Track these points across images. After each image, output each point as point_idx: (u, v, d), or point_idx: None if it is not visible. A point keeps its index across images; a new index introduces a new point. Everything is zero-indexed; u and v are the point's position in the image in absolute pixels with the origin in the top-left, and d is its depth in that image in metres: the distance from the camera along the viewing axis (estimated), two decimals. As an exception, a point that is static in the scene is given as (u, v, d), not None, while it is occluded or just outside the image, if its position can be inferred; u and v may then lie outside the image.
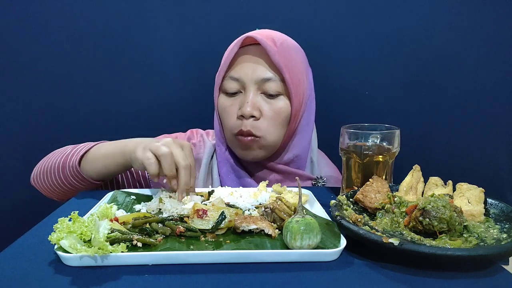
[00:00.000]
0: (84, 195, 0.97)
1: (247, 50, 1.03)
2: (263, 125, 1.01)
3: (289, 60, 1.02)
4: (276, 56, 0.98)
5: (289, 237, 0.64)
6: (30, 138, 1.47)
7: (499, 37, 1.36)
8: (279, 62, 0.99)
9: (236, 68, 1.03)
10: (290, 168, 1.09)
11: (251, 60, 1.02)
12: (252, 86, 1.01)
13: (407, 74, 1.42)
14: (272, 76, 1.00)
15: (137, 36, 1.42)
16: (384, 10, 1.40)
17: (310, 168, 1.14)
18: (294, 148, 1.09)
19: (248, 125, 1.00)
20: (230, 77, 1.03)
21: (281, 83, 1.01)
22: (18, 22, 1.39)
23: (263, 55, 1.01)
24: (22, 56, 1.41)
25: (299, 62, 1.05)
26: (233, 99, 1.04)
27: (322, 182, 1.10)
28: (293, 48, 1.06)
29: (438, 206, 0.66)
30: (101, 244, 0.60)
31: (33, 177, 1.06)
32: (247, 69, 1.01)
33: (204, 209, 0.72)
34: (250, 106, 0.99)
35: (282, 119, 1.03)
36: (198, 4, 1.41)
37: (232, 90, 1.03)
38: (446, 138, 1.44)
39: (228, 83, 1.04)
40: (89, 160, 0.97)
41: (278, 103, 1.02)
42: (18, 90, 1.44)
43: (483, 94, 1.40)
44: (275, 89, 1.01)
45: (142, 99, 1.47)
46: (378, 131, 0.90)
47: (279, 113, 1.02)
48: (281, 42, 1.03)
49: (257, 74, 1.01)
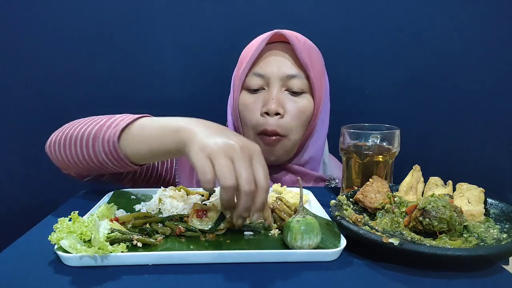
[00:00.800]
0: (84, 195, 0.97)
1: (272, 46, 1.03)
2: (287, 123, 1.00)
3: (313, 58, 1.02)
4: (303, 53, 0.99)
5: (289, 237, 0.64)
6: (30, 138, 1.47)
7: (499, 37, 1.36)
8: (305, 59, 0.99)
9: (261, 64, 1.02)
10: (306, 170, 1.08)
11: (277, 56, 1.01)
12: (276, 83, 1.00)
13: (408, 74, 1.42)
14: (297, 73, 1.00)
15: (138, 35, 1.42)
16: (384, 10, 1.40)
17: (323, 169, 1.14)
18: (310, 149, 1.09)
19: (274, 124, 0.99)
20: (255, 73, 1.02)
21: (306, 81, 1.01)
22: (18, 21, 1.39)
23: (289, 52, 1.01)
24: (20, 54, 1.41)
25: (319, 62, 1.06)
26: (256, 95, 1.03)
27: (335, 183, 1.11)
28: (314, 48, 1.07)
29: (438, 206, 0.66)
30: (101, 244, 0.60)
31: (50, 144, 0.89)
32: (272, 65, 1.01)
33: (203, 210, 0.72)
34: (275, 103, 0.99)
35: (305, 118, 1.03)
36: (200, 3, 1.41)
37: (255, 86, 1.02)
38: (446, 138, 1.44)
39: (252, 79, 1.02)
40: (131, 138, 0.79)
41: (302, 100, 1.02)
42: (17, 89, 1.43)
43: (483, 94, 1.40)
44: (299, 87, 1.01)
45: (145, 98, 1.47)
46: (378, 131, 0.90)
47: (303, 111, 1.02)
48: (304, 41, 1.03)
49: (283, 71, 1.00)
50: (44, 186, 1.47)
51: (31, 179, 1.48)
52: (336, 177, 1.13)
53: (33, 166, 1.48)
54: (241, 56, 1.08)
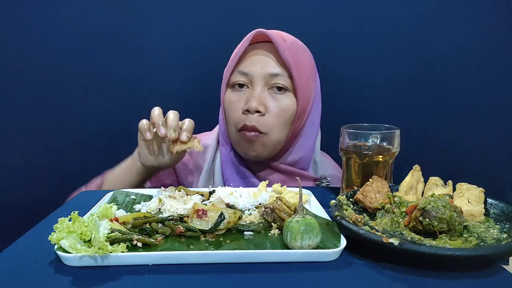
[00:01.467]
0: (84, 195, 0.97)
1: (257, 46, 1.04)
2: (268, 121, 1.01)
3: (298, 58, 1.02)
4: (286, 52, 0.99)
5: (289, 237, 0.64)
6: (30, 138, 1.47)
7: (499, 37, 1.36)
8: (288, 58, 0.99)
9: (245, 62, 1.04)
10: (294, 169, 1.09)
11: (261, 55, 1.03)
12: (260, 81, 1.02)
13: (407, 74, 1.42)
14: (280, 72, 1.01)
15: (136, 35, 1.42)
16: (383, 10, 1.40)
17: (313, 168, 1.14)
18: (299, 150, 1.09)
19: (253, 120, 1.00)
20: (239, 71, 1.04)
21: (289, 80, 1.02)
22: (18, 22, 1.39)
23: (273, 52, 1.02)
24: (20, 54, 1.41)
25: (308, 63, 1.06)
26: (240, 94, 1.04)
27: (326, 182, 1.11)
28: (302, 48, 1.07)
29: (438, 206, 0.66)
30: (101, 244, 0.60)
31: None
32: (256, 64, 1.02)
33: (204, 210, 0.72)
34: (256, 101, 1.00)
35: (287, 117, 1.03)
36: (198, 3, 1.41)
37: (239, 82, 1.04)
38: (446, 138, 1.44)
39: (236, 77, 1.04)
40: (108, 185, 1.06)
41: (285, 100, 1.02)
42: (17, 90, 1.44)
43: (483, 94, 1.40)
44: (282, 85, 1.01)
45: (142, 98, 1.47)
46: (378, 131, 0.90)
47: (285, 110, 1.02)
48: (291, 41, 1.04)
49: (266, 69, 1.01)
50: (44, 186, 1.47)
51: (31, 179, 1.48)
52: (328, 175, 1.13)
53: (33, 166, 1.48)
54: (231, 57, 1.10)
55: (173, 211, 0.78)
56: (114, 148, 1.48)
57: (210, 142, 1.15)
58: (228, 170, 1.09)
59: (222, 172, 1.10)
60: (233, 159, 1.10)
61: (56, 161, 1.49)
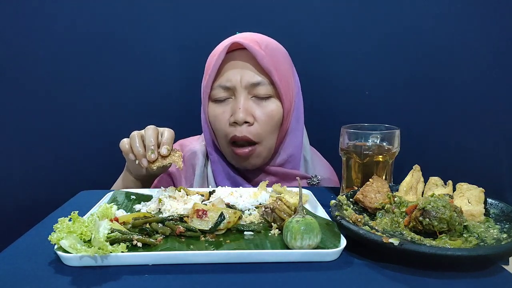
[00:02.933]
0: (84, 195, 0.97)
1: (233, 56, 1.02)
2: (258, 130, 1.01)
3: (276, 62, 1.02)
4: (264, 60, 0.98)
5: (289, 237, 0.64)
6: (30, 138, 1.47)
7: (499, 37, 1.36)
8: (267, 65, 0.98)
9: (224, 75, 1.02)
10: (285, 169, 1.09)
11: (239, 65, 1.01)
12: (242, 92, 1.01)
13: (407, 74, 1.42)
14: (261, 80, 1.00)
15: (132, 36, 1.42)
16: (384, 10, 1.40)
17: (304, 167, 1.14)
18: (287, 148, 1.09)
19: (243, 131, 1.00)
20: (220, 85, 1.02)
21: (271, 86, 1.01)
22: (18, 22, 1.39)
23: (250, 60, 1.00)
24: (20, 55, 1.41)
25: (285, 62, 1.06)
26: (224, 105, 1.03)
27: (317, 180, 1.11)
28: (278, 50, 1.06)
29: (438, 206, 0.66)
30: (101, 244, 0.60)
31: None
32: (235, 75, 1.00)
33: (204, 210, 0.72)
34: (242, 112, 0.99)
35: (275, 122, 1.03)
36: (192, 6, 1.41)
37: (222, 98, 1.03)
38: (446, 138, 1.44)
39: (217, 91, 1.03)
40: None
41: (270, 106, 1.02)
42: (17, 89, 1.44)
43: (483, 94, 1.40)
44: (266, 92, 1.01)
45: (137, 99, 1.47)
46: (378, 131, 0.90)
47: (271, 116, 1.02)
48: (266, 44, 1.02)
49: (246, 80, 1.00)
50: (44, 186, 1.47)
51: (31, 179, 1.48)
52: (319, 173, 1.12)
53: (33, 166, 1.48)
54: (206, 65, 1.07)
55: (173, 211, 0.78)
56: (114, 148, 1.49)
57: (200, 147, 1.14)
58: (220, 176, 1.09)
59: (214, 178, 1.10)
60: (223, 167, 1.09)
61: (56, 161, 1.49)
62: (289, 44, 1.12)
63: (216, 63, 1.01)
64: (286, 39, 1.13)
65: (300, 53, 1.17)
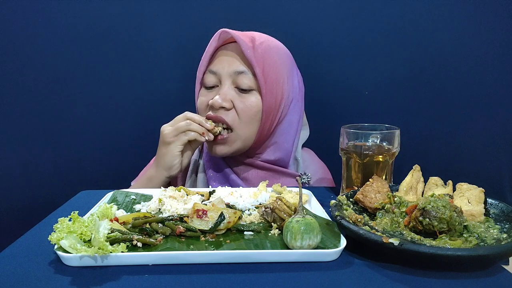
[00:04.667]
0: (84, 195, 0.97)
1: (227, 47, 1.08)
2: (233, 116, 1.03)
3: (265, 58, 1.03)
4: (248, 51, 1.01)
5: (289, 237, 0.64)
6: (30, 138, 1.47)
7: (499, 37, 1.36)
8: (250, 57, 1.01)
9: (215, 62, 1.07)
10: (273, 166, 1.10)
11: (228, 55, 1.06)
12: (227, 80, 1.04)
13: (407, 74, 1.42)
14: (244, 70, 1.03)
15: (131, 35, 1.42)
16: (384, 10, 1.39)
17: (295, 166, 1.14)
18: (276, 151, 1.10)
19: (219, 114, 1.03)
20: (209, 71, 1.07)
21: (254, 78, 1.03)
22: (18, 22, 1.39)
23: (239, 51, 1.04)
24: (20, 55, 1.41)
25: (279, 63, 1.06)
26: (210, 92, 1.07)
27: (307, 178, 1.11)
28: (275, 49, 1.07)
29: (438, 206, 0.66)
30: (101, 244, 0.60)
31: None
32: (224, 63, 1.05)
33: (204, 210, 0.72)
34: (220, 97, 1.02)
35: (252, 114, 1.04)
36: (192, 5, 1.41)
37: (210, 83, 1.07)
38: (446, 138, 1.44)
39: (207, 77, 1.07)
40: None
41: (250, 97, 1.04)
42: (17, 89, 1.44)
43: (483, 94, 1.39)
44: (248, 84, 1.03)
45: (137, 97, 1.47)
46: (378, 131, 0.90)
47: (249, 107, 1.04)
48: (261, 41, 1.05)
49: (232, 68, 1.04)
50: (44, 186, 1.47)
51: (31, 179, 1.48)
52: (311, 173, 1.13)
53: (33, 166, 1.48)
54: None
55: (173, 211, 0.78)
56: (114, 148, 1.49)
57: None
58: (210, 168, 1.12)
59: (205, 171, 1.13)
60: (213, 157, 1.11)
61: (56, 161, 1.48)
62: (289, 44, 1.12)
63: (208, 50, 1.07)
64: (285, 39, 1.13)
65: (300, 53, 1.17)
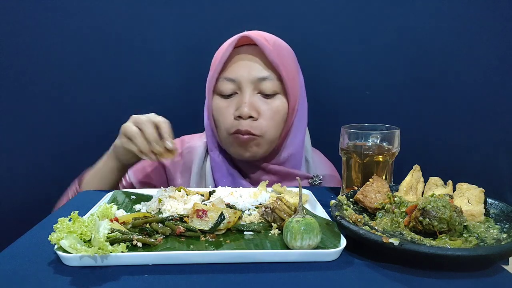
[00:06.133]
0: (84, 195, 0.97)
1: (241, 50, 1.02)
2: (262, 124, 1.01)
3: (283, 58, 1.02)
4: (272, 55, 0.99)
5: (289, 237, 0.64)
6: (30, 138, 1.47)
7: (499, 37, 1.36)
8: (275, 60, 0.99)
9: (231, 68, 1.01)
10: (285, 168, 1.09)
11: (246, 59, 1.01)
12: (248, 87, 1.00)
13: (408, 74, 1.42)
14: (268, 75, 1.00)
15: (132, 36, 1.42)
16: (384, 10, 1.39)
17: (306, 167, 1.14)
18: (288, 146, 1.09)
19: (246, 125, 1.00)
20: (225, 78, 1.02)
21: (278, 82, 1.01)
22: (18, 22, 1.39)
23: (258, 55, 1.01)
24: (20, 55, 1.41)
25: (291, 60, 1.06)
26: (229, 100, 1.03)
27: (319, 180, 1.10)
28: (285, 47, 1.07)
29: (438, 206, 0.66)
30: (101, 244, 0.60)
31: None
32: (242, 69, 1.00)
33: (204, 210, 0.72)
34: (247, 106, 0.99)
35: (280, 118, 1.03)
36: (192, 4, 1.40)
37: (228, 91, 1.02)
38: (446, 138, 1.44)
39: (223, 84, 1.02)
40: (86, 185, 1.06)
41: (275, 102, 1.02)
42: (17, 89, 1.44)
43: (483, 94, 1.39)
44: (272, 88, 1.01)
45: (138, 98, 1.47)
46: (378, 131, 0.90)
47: (277, 111, 1.02)
48: (274, 41, 1.03)
49: (253, 74, 1.00)
50: (44, 186, 1.47)
51: (31, 179, 1.48)
52: (321, 174, 1.12)
53: (33, 166, 1.48)
54: (212, 60, 1.07)
55: (173, 211, 0.78)
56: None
57: (201, 143, 1.14)
58: (218, 173, 1.08)
59: (213, 175, 1.09)
60: (223, 163, 1.09)
61: (56, 161, 1.48)
62: (289, 44, 1.12)
63: (223, 55, 1.00)
64: (286, 39, 1.13)
65: (300, 53, 1.17)
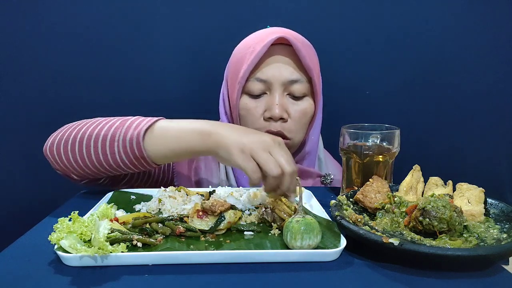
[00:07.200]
0: (84, 195, 0.97)
1: (273, 50, 1.00)
2: (291, 126, 1.01)
3: (314, 61, 1.02)
4: (306, 58, 0.98)
5: (289, 237, 0.64)
6: (30, 138, 1.47)
7: (499, 37, 1.36)
8: (309, 63, 0.98)
9: (263, 69, 1.00)
10: (302, 166, 1.09)
11: (279, 61, 1.00)
12: (279, 88, 1.00)
13: (408, 74, 1.43)
14: (299, 78, 1.00)
15: (136, 34, 1.42)
16: (384, 10, 1.40)
17: (318, 165, 1.15)
18: (307, 145, 1.10)
19: (278, 127, 1.00)
20: (256, 78, 1.00)
21: (307, 84, 1.02)
22: (18, 22, 1.39)
23: (291, 55, 1.00)
24: (20, 54, 1.41)
25: (317, 62, 1.06)
26: (258, 100, 1.02)
27: (330, 179, 1.11)
28: (311, 48, 1.06)
29: (438, 206, 0.66)
30: (101, 244, 0.60)
31: (52, 146, 0.88)
32: (274, 70, 0.99)
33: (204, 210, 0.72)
34: (279, 108, 0.99)
35: (307, 119, 1.04)
36: (197, 2, 1.41)
37: (258, 91, 1.01)
38: (446, 138, 1.44)
39: (253, 84, 1.00)
40: (154, 140, 0.82)
41: (304, 104, 1.02)
42: (18, 88, 1.43)
43: (483, 94, 1.40)
44: (302, 91, 1.01)
45: (143, 98, 1.47)
46: (378, 131, 0.90)
47: (305, 113, 1.03)
48: (302, 41, 1.02)
49: (285, 76, 0.99)
50: (44, 186, 1.47)
51: (31, 179, 1.48)
52: (332, 172, 1.13)
53: (33, 166, 1.48)
54: (236, 56, 1.04)
55: (173, 211, 0.78)
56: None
57: None
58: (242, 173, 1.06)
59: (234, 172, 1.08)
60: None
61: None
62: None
63: (257, 56, 0.97)
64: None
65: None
